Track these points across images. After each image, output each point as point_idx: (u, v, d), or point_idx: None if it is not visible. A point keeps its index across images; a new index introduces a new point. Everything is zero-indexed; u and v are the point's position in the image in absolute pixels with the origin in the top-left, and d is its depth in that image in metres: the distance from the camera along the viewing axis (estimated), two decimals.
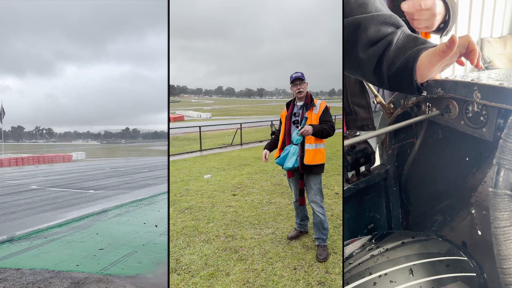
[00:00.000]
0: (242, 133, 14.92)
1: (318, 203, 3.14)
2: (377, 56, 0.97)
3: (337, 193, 5.18)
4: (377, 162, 1.14)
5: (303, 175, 3.14)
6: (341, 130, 2.69)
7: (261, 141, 14.92)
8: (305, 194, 3.26)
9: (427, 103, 0.96)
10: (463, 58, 0.97)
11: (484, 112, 0.87)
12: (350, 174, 1.06)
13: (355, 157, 1.03)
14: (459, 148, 0.98)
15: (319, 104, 3.14)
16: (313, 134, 2.97)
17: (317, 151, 3.04)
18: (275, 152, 3.32)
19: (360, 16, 0.99)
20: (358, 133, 1.07)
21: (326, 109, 3.11)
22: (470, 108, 0.90)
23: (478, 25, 4.45)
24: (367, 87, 1.11)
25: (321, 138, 3.04)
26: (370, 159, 1.05)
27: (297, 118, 3.17)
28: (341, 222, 3.91)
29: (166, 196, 8.07)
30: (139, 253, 3.97)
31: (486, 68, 4.31)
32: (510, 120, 0.72)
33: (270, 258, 3.14)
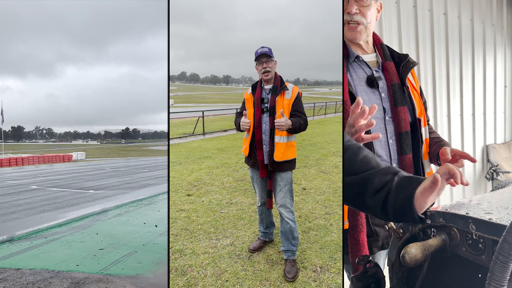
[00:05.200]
0: (206, 121, 13.44)
1: (288, 208, 2.67)
2: (382, 200, 1.18)
3: (305, 189, 4.78)
4: (387, 285, 1.19)
5: (271, 173, 2.68)
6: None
7: (225, 130, 13.40)
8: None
9: (432, 229, 1.08)
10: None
11: (481, 240, 0.96)
12: None
13: (367, 282, 1.09)
14: (469, 265, 1.03)
15: (292, 88, 2.65)
16: (289, 130, 2.53)
17: (289, 145, 2.61)
18: (243, 147, 2.83)
19: (367, 173, 1.23)
20: (370, 258, 1.12)
21: (299, 97, 2.65)
22: (470, 236, 0.99)
23: (482, 134, 5.04)
24: None
25: (294, 133, 2.62)
26: (380, 284, 1.09)
27: (266, 105, 2.64)
28: (310, 225, 3.51)
29: (166, 196, 8.06)
30: (139, 253, 3.96)
31: (494, 171, 4.79)
32: (493, 262, 0.78)
33: (226, 280, 2.58)
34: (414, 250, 1.01)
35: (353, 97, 1.48)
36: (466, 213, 1.01)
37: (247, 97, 2.79)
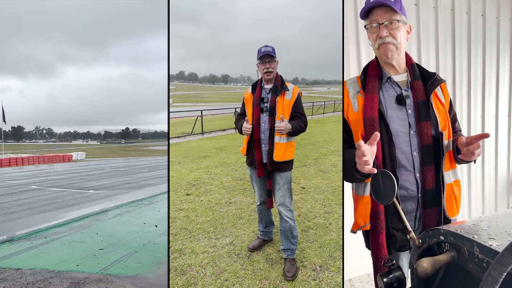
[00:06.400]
0: (205, 121, 13.39)
1: (287, 206, 2.68)
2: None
3: (304, 188, 4.77)
4: (408, 284, 1.31)
5: (270, 173, 2.69)
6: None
7: (224, 130, 13.42)
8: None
9: (446, 243, 1.19)
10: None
11: (485, 260, 1.03)
12: None
13: (390, 282, 1.24)
14: (477, 279, 1.10)
15: (292, 89, 2.66)
16: (289, 134, 2.57)
17: (289, 146, 2.63)
18: (242, 146, 2.85)
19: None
20: (393, 261, 1.25)
21: (299, 97, 2.67)
22: (476, 255, 1.07)
23: None
24: (403, 218, 1.38)
25: (293, 136, 2.66)
26: (402, 283, 1.25)
27: (265, 105, 2.65)
28: (309, 224, 3.52)
29: (166, 196, 8.08)
30: (139, 253, 3.97)
31: None
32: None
33: (226, 280, 2.58)
34: (425, 264, 1.12)
35: (381, 115, 1.64)
36: (472, 237, 1.09)
37: (247, 96, 2.79)
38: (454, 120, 1.78)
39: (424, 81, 1.72)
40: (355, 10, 3.16)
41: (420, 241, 1.28)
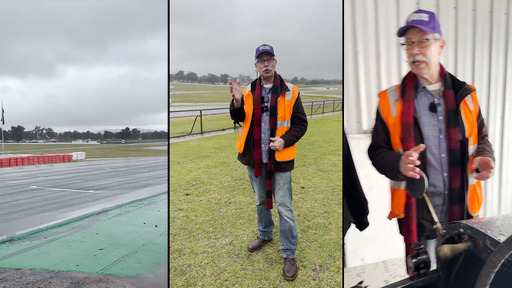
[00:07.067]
0: (204, 120, 13.43)
1: (287, 206, 2.67)
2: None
3: (303, 187, 4.79)
4: (433, 267, 1.52)
5: (271, 173, 2.68)
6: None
7: (223, 129, 13.58)
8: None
9: (465, 235, 1.37)
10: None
11: None
12: (410, 271, 1.50)
13: (418, 263, 1.45)
14: None
15: (292, 89, 2.65)
16: (285, 146, 2.56)
17: (290, 145, 2.64)
18: (238, 144, 2.81)
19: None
20: (422, 246, 1.47)
21: (299, 98, 2.68)
22: (488, 246, 1.24)
23: None
24: (431, 210, 1.63)
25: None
26: (427, 265, 1.46)
27: (266, 104, 2.64)
28: (309, 223, 3.54)
29: (166, 196, 8.08)
30: (139, 253, 3.98)
31: None
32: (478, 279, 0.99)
33: (226, 280, 2.58)
34: (445, 249, 1.31)
35: (415, 120, 1.83)
36: (486, 231, 1.27)
37: (246, 94, 2.74)
38: (481, 125, 1.96)
39: (455, 90, 1.88)
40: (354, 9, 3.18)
41: (444, 231, 1.49)
